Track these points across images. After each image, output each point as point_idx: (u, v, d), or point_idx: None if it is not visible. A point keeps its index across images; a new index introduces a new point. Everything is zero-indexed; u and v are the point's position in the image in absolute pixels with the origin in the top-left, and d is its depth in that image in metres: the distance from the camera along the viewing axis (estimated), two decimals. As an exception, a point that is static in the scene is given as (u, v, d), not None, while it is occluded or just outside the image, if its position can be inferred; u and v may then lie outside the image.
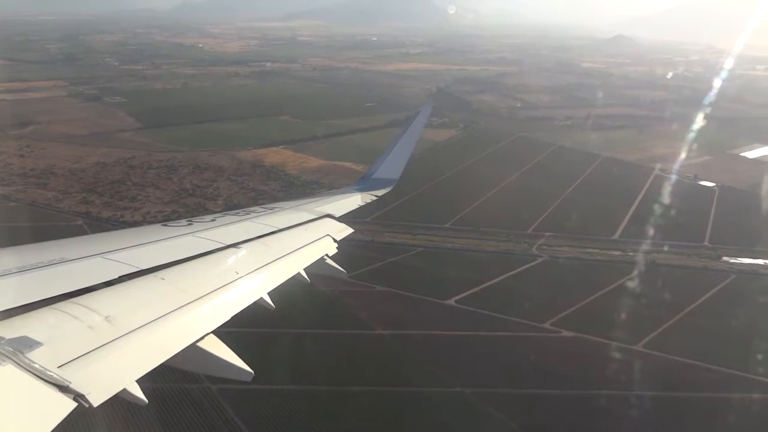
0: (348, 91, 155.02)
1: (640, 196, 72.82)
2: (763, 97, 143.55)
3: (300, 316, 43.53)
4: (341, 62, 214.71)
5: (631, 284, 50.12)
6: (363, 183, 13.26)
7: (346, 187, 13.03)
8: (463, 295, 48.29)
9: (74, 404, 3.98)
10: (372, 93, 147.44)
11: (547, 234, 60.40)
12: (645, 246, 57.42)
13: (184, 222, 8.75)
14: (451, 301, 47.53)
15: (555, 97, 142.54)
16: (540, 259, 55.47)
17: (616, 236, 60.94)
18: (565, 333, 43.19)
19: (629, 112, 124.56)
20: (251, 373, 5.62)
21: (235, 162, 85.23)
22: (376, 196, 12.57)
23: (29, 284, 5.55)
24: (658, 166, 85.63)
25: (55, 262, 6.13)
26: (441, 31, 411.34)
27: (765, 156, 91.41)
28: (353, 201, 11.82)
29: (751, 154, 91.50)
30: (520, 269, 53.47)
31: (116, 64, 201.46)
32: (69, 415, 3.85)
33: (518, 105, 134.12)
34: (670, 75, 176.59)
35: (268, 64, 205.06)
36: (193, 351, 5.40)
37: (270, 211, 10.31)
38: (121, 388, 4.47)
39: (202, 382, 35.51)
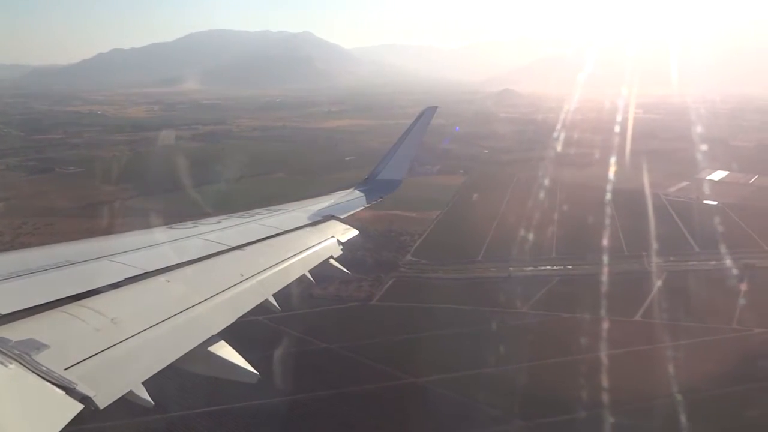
0: (310, 147, 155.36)
1: (675, 216, 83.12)
2: (669, 132, 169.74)
3: (536, 349, 44.74)
4: (273, 122, 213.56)
5: (754, 284, 57.35)
6: (368, 184, 13.33)
7: (351, 189, 13.04)
8: (641, 311, 52.18)
9: (81, 406, 3.97)
10: (339, 148, 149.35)
11: (644, 254, 66.76)
12: (726, 253, 65.79)
13: (189, 224, 8.77)
14: (637, 317, 51.11)
15: (509, 143, 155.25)
16: (664, 274, 61.30)
17: (697, 249, 69.04)
18: (756, 330, 48.66)
19: (585, 151, 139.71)
20: (257, 375, 5.60)
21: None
22: (381, 197, 12.78)
23: (35, 287, 5.54)
24: (661, 191, 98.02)
25: (60, 264, 6.12)
26: (335, 91, 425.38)
27: (724, 177, 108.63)
28: (358, 202, 12.07)
29: (715, 176, 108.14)
30: (659, 283, 58.73)
31: (22, 134, 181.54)
32: (75, 417, 3.87)
33: (486, 151, 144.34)
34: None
35: (200, 127, 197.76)
36: (199, 353, 5.41)
37: (275, 212, 10.35)
38: (127, 390, 4.47)
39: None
